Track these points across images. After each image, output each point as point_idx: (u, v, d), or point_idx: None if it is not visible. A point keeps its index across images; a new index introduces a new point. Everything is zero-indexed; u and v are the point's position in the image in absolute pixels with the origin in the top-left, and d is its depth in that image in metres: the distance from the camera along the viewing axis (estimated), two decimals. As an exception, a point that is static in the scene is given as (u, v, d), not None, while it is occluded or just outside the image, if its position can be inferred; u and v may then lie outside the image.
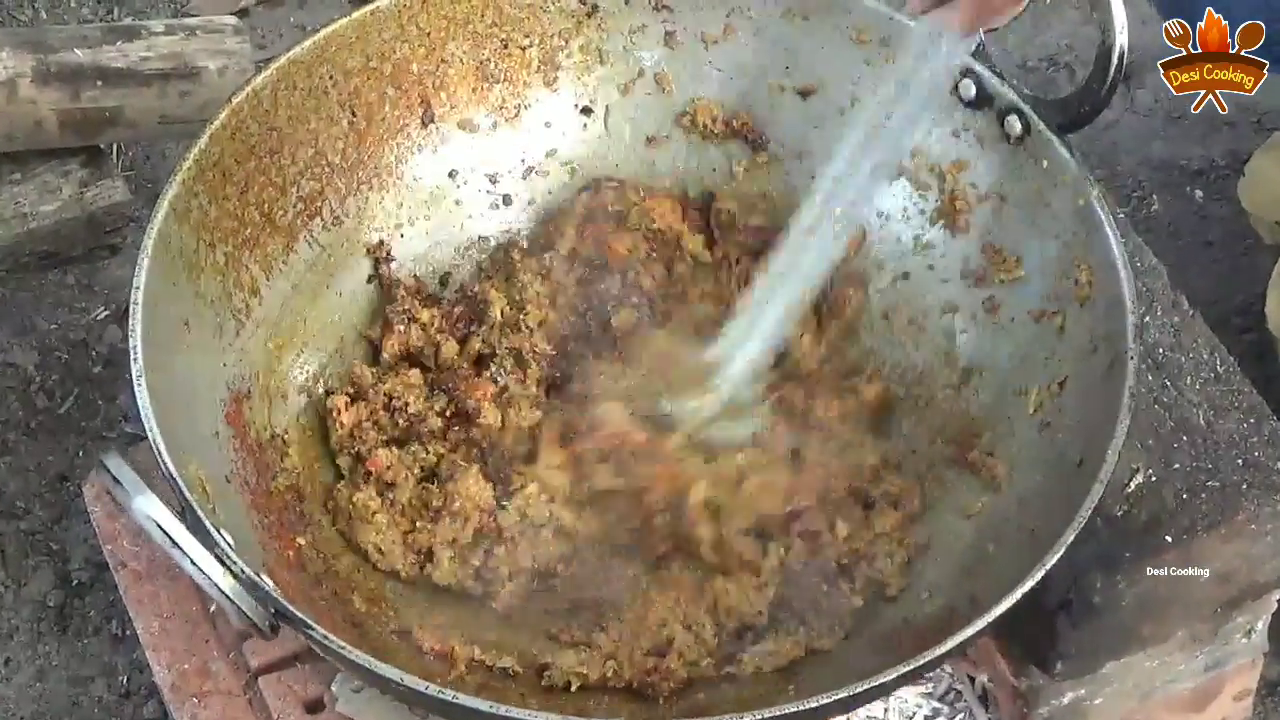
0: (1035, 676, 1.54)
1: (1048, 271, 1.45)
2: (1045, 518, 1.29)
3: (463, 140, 1.53)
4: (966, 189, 1.50)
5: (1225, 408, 1.51)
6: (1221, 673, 1.64)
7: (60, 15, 2.05)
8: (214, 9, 2.02)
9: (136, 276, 1.32)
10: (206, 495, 1.25)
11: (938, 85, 1.47)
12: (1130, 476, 1.45)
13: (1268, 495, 1.47)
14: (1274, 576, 1.55)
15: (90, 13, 2.07)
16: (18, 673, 1.67)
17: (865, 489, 1.49)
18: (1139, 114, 2.03)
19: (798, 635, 1.40)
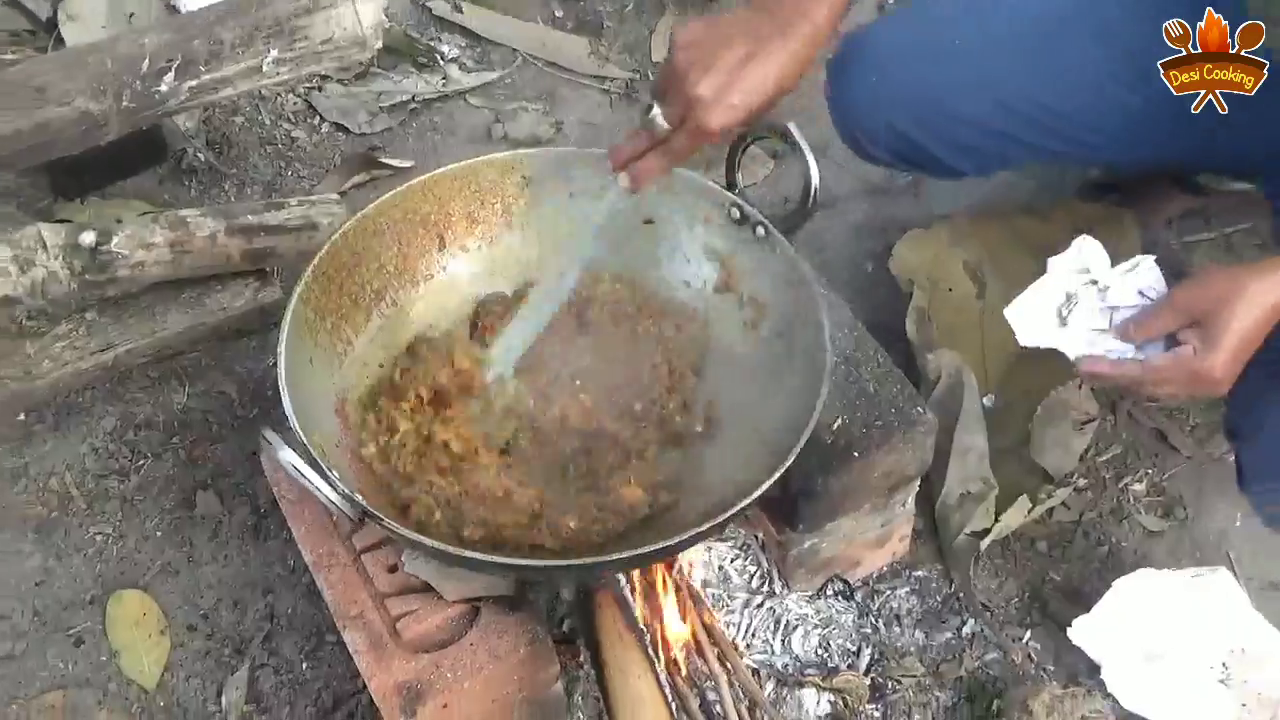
0: (788, 533, 1.58)
1: (783, 310, 1.45)
2: (786, 444, 1.29)
3: (462, 256, 1.54)
4: (736, 267, 1.50)
5: (884, 381, 1.54)
6: (891, 526, 1.67)
7: (243, 196, 2.07)
8: (327, 189, 2.08)
9: (281, 340, 1.33)
10: (324, 452, 1.28)
11: None
12: (834, 421, 1.49)
13: (907, 429, 1.51)
14: (914, 472, 1.58)
15: (258, 194, 2.07)
16: (231, 563, 1.69)
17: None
18: (840, 227, 2.05)
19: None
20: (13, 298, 1.59)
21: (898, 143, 1.65)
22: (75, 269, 1.63)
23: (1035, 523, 1.79)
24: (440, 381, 1.44)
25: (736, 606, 1.66)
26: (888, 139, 1.65)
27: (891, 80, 1.59)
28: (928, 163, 1.68)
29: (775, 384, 1.42)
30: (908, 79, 1.58)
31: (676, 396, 1.45)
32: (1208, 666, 1.63)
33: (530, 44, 2.32)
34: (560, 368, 1.47)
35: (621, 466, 1.41)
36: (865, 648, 1.67)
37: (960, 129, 1.59)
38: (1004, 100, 1.55)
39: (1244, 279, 1.22)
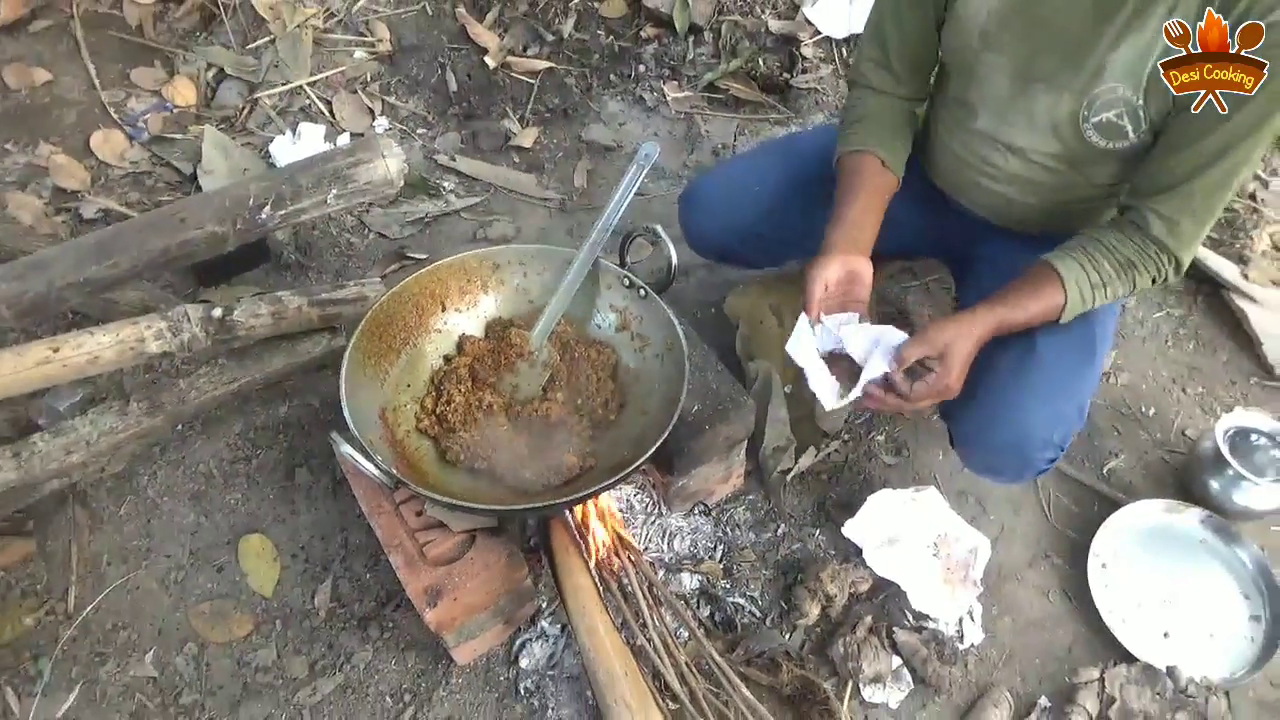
0: (668, 477, 1.57)
1: (659, 340, 1.43)
2: (662, 423, 1.28)
3: (455, 313, 1.49)
4: (629, 315, 1.47)
5: (721, 381, 1.53)
6: (731, 469, 1.65)
7: (320, 281, 1.99)
8: (373, 274, 2.02)
9: (342, 374, 1.29)
10: (371, 444, 1.24)
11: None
12: (693, 407, 1.48)
13: (736, 409, 1.49)
14: (742, 435, 1.55)
15: (329, 279, 1.98)
16: (319, 513, 1.64)
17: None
18: (695, 284, 1.99)
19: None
20: (170, 352, 1.55)
21: (723, 250, 1.64)
22: (210, 332, 1.59)
23: (820, 463, 1.78)
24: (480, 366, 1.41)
25: (638, 524, 1.66)
26: (717, 249, 1.64)
27: (717, 216, 1.58)
28: (742, 261, 1.67)
29: (656, 386, 1.40)
30: (726, 213, 1.57)
31: (600, 395, 1.43)
32: (924, 546, 1.63)
33: (499, 179, 2.28)
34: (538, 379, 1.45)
35: (566, 442, 1.39)
36: (719, 545, 1.66)
37: (760, 242, 1.57)
38: (783, 226, 1.53)
39: (966, 325, 1.21)
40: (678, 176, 2.33)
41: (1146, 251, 1.19)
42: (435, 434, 1.38)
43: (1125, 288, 1.22)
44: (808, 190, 1.51)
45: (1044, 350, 1.30)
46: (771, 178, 1.54)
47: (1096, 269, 1.20)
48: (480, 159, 2.34)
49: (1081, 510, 1.72)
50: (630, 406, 1.42)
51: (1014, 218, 1.43)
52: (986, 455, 1.38)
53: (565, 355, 1.45)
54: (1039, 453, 1.33)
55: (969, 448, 1.41)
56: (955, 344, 1.20)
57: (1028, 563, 1.66)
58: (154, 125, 2.21)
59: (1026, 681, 1.52)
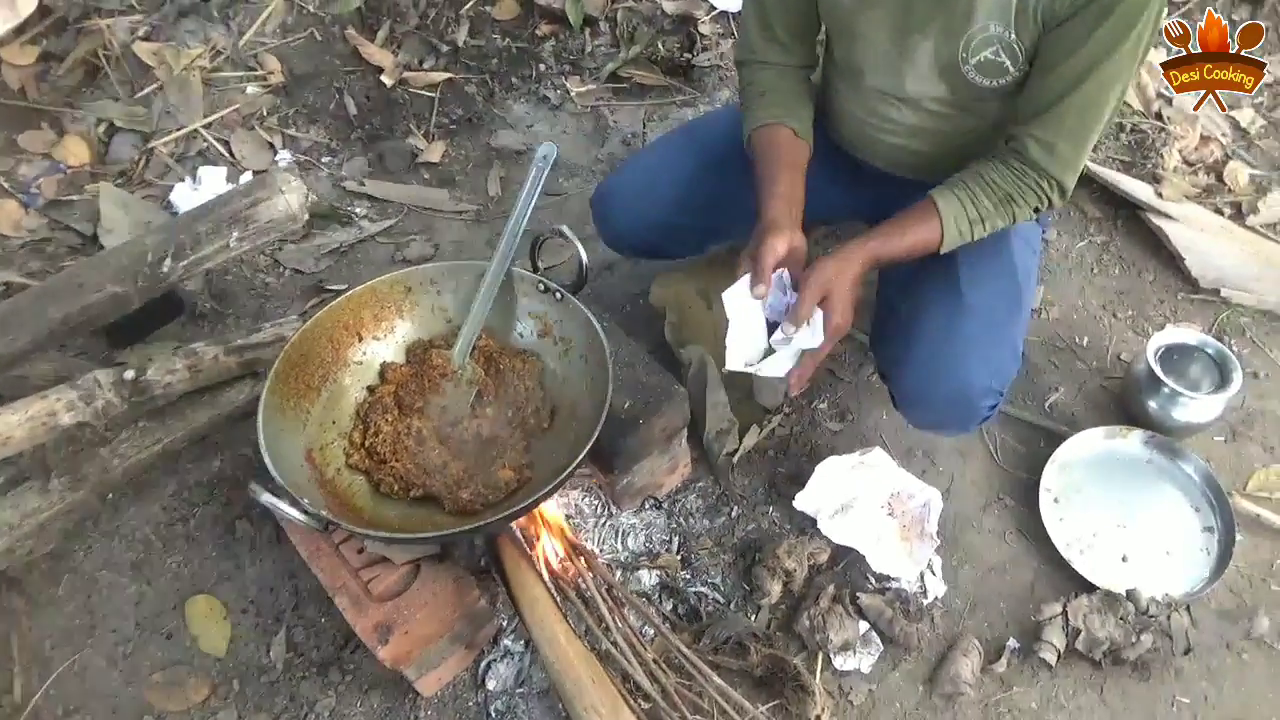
0: (612, 476, 1.55)
1: (581, 342, 1.42)
2: (593, 424, 1.26)
3: (373, 342, 1.46)
4: (550, 320, 1.46)
5: (652, 373, 1.52)
6: (676, 459, 1.64)
7: (239, 327, 1.96)
8: (294, 312, 1.99)
9: (259, 423, 1.25)
10: (299, 488, 1.21)
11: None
12: (625, 403, 1.47)
13: (669, 399, 1.49)
14: (680, 424, 1.55)
15: (248, 324, 1.96)
16: (265, 563, 1.62)
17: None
18: (618, 276, 2.00)
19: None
20: (85, 422, 1.53)
21: (642, 246, 1.64)
22: (125, 396, 1.57)
23: (764, 440, 1.78)
24: (404, 392, 1.40)
25: (590, 527, 1.65)
26: (636, 246, 1.64)
27: (630, 214, 1.58)
28: (664, 253, 1.67)
29: (584, 388, 1.39)
30: (640, 210, 1.57)
31: (530, 405, 1.42)
32: (879, 507, 1.64)
33: (411, 198, 2.26)
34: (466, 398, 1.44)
35: (501, 456, 1.38)
36: (674, 537, 1.65)
37: (679, 233, 1.58)
38: (700, 213, 1.53)
39: (842, 261, 1.23)
40: (591, 172, 2.32)
41: (1025, 182, 1.22)
42: (366, 468, 1.36)
43: (1004, 220, 1.25)
44: (721, 173, 1.51)
45: (972, 300, 1.32)
46: (681, 167, 1.54)
47: (975, 204, 1.24)
48: (389, 180, 2.32)
49: (1028, 449, 1.74)
50: (562, 412, 1.41)
51: (918, 167, 1.45)
52: (929, 411, 1.40)
53: (490, 369, 1.44)
54: (981, 401, 1.34)
55: (911, 406, 1.42)
56: (835, 282, 1.21)
57: (981, 508, 1.68)
58: (48, 189, 2.16)
59: (993, 627, 1.53)
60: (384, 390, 1.44)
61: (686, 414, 1.55)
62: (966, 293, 1.32)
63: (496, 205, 2.28)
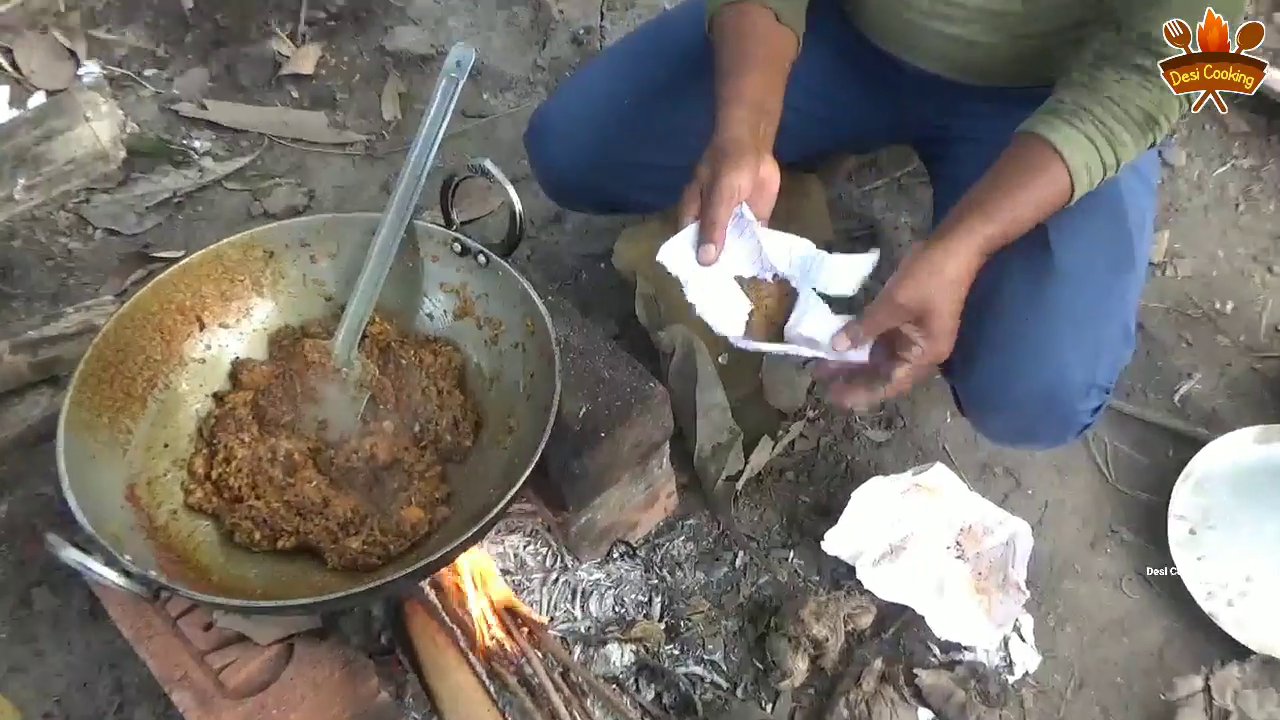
0: (563, 514, 1.58)
1: (514, 324, 1.45)
2: (536, 440, 1.29)
3: (220, 330, 1.48)
4: (470, 294, 1.49)
5: (617, 366, 1.54)
6: (654, 487, 1.67)
7: (31, 312, 1.98)
8: (110, 291, 2.02)
9: (58, 446, 1.26)
10: (118, 539, 1.22)
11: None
12: (579, 410, 1.48)
13: (643, 402, 1.51)
14: (659, 437, 1.57)
15: (45, 308, 1.98)
16: (75, 648, 1.63)
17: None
18: (567, 234, 2.05)
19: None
20: None
21: (596, 195, 1.66)
22: None
23: (780, 456, 1.80)
24: (267, 401, 1.43)
25: (535, 586, 1.67)
26: (587, 194, 1.67)
27: (579, 147, 1.59)
28: (626, 205, 1.70)
29: (521, 389, 1.42)
30: (591, 143, 1.59)
31: (446, 415, 1.43)
32: (943, 548, 1.68)
33: (273, 126, 2.28)
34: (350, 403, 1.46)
35: (405, 488, 1.40)
36: (655, 596, 1.67)
37: (641, 174, 1.58)
38: (669, 144, 1.51)
39: (941, 266, 1.21)
40: (528, 85, 2.34)
41: (1165, 94, 1.21)
42: (215, 509, 1.38)
43: (1144, 144, 1.23)
44: (700, 90, 1.50)
45: (1065, 259, 1.31)
46: (645, 83, 1.56)
47: (1110, 139, 1.21)
48: (243, 100, 2.32)
49: (1152, 459, 1.78)
50: (490, 424, 1.44)
51: (979, 67, 1.47)
52: (1009, 419, 1.41)
53: (388, 366, 1.46)
54: (1079, 402, 1.34)
55: (983, 412, 1.44)
56: (936, 298, 1.20)
57: (1088, 545, 1.71)
58: None
59: (1109, 712, 1.55)
60: (237, 399, 1.46)
61: (669, 423, 1.56)
62: (1056, 249, 1.31)
63: (394, 134, 2.29)
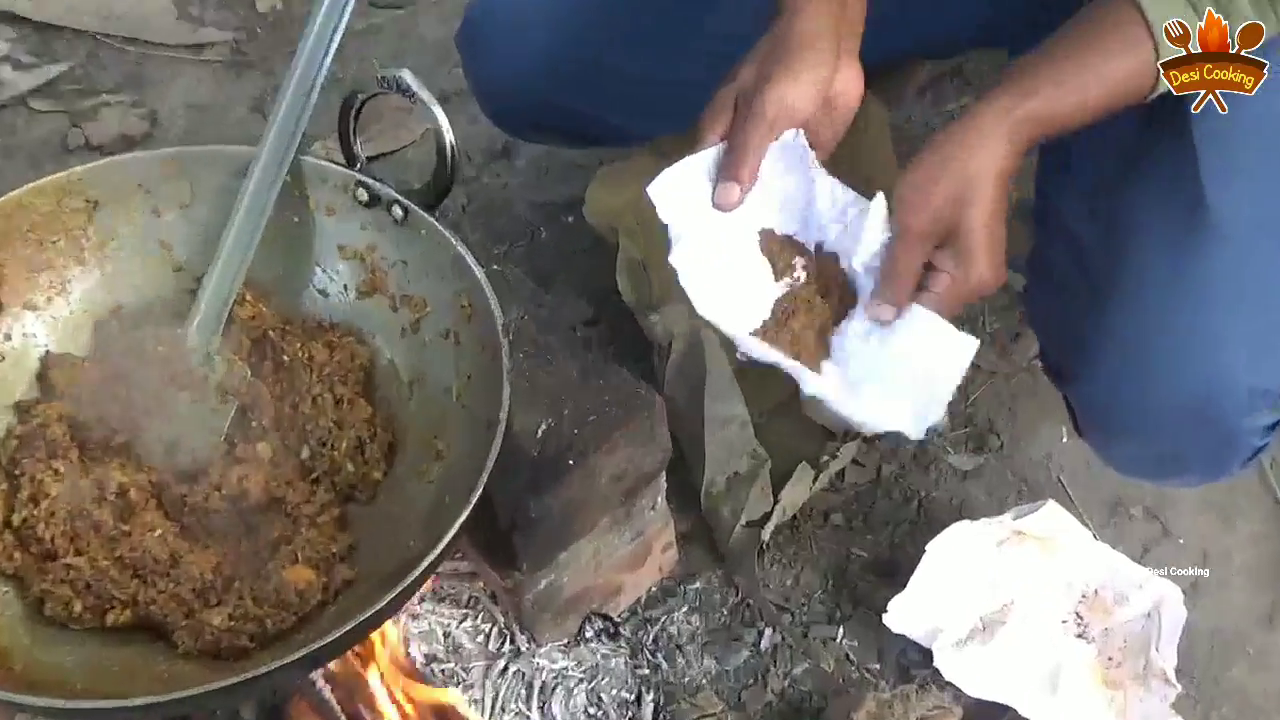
0: (515, 575, 1.57)
1: (444, 304, 1.44)
2: (476, 470, 1.27)
3: (25, 314, 1.47)
4: (380, 262, 1.48)
5: (591, 365, 1.53)
6: (645, 538, 1.67)
7: None
8: None
9: None
10: None
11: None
12: (537, 427, 1.48)
13: (630, 416, 1.50)
14: (653, 466, 1.57)
15: None
16: None
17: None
18: (519, 176, 2.04)
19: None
20: None
21: (558, 117, 1.68)
22: None
23: (825, 492, 1.81)
24: (91, 415, 1.42)
25: (476, 678, 1.67)
26: (545, 116, 1.68)
27: (534, 49, 1.61)
28: (601, 132, 1.71)
29: (452, 398, 1.42)
30: (551, 43, 1.61)
31: (348, 433, 1.43)
32: (1059, 621, 1.67)
33: (101, 20, 2.27)
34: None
35: (290, 540, 1.39)
36: (646, 692, 1.68)
37: (627, 86, 1.62)
38: (664, 40, 1.56)
39: (961, 159, 1.22)
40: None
41: None
42: (17, 569, 1.36)
43: (1272, 19, 1.25)
44: None
45: (1223, 211, 1.33)
46: None
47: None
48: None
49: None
50: (410, 447, 1.44)
51: None
52: (1145, 443, 1.44)
53: (263, 364, 1.46)
54: (1246, 417, 1.36)
55: (1108, 433, 1.48)
56: (967, 211, 1.21)
57: (1265, 617, 1.72)
58: None
59: None
60: (49, 413, 1.44)
61: (666, 446, 1.56)
62: (1212, 196, 1.32)
63: (272, 31, 2.31)
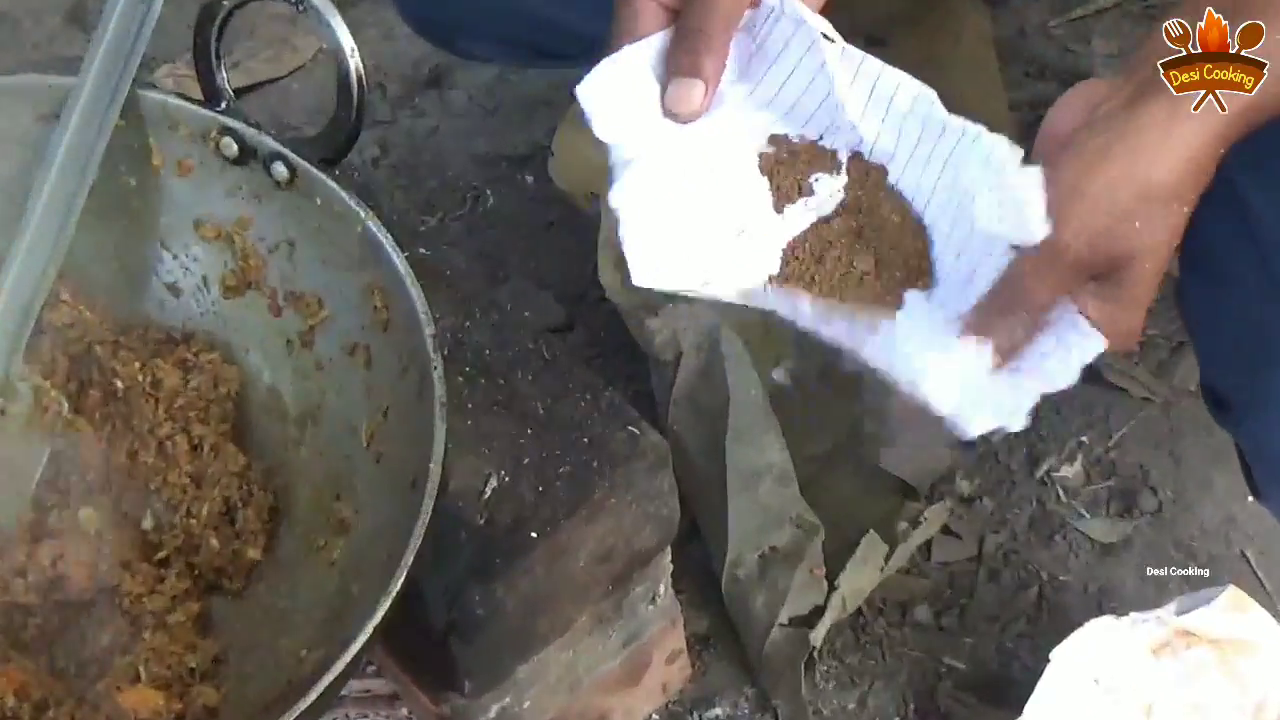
0: (453, 699, 1.58)
1: (350, 304, 1.45)
2: (398, 544, 1.27)
3: None
4: (255, 244, 1.49)
5: (561, 392, 1.53)
6: (642, 642, 1.69)
7: None
8: None
9: None
10: None
11: None
12: (484, 483, 1.48)
13: (619, 466, 1.50)
14: (653, 540, 1.57)
15: None
16: None
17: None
18: (456, 115, 2.07)
19: None
20: None
21: (508, 20, 1.74)
22: None
23: (904, 575, 1.84)
24: None
25: None
26: (489, 17, 1.74)
27: None
28: (567, 43, 1.71)
29: (361, 440, 1.45)
30: None
31: (211, 494, 1.47)
32: None
33: None
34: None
35: (125, 648, 1.42)
36: None
37: None
38: None
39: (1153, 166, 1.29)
40: None
41: None
42: None
43: None
44: None
45: None
46: None
47: None
48: None
49: None
50: (299, 513, 1.48)
51: None
52: None
53: (87, 392, 1.51)
54: None
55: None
56: (1151, 223, 1.27)
57: None
58: None
59: None
60: None
61: (673, 511, 1.58)
62: None
63: None
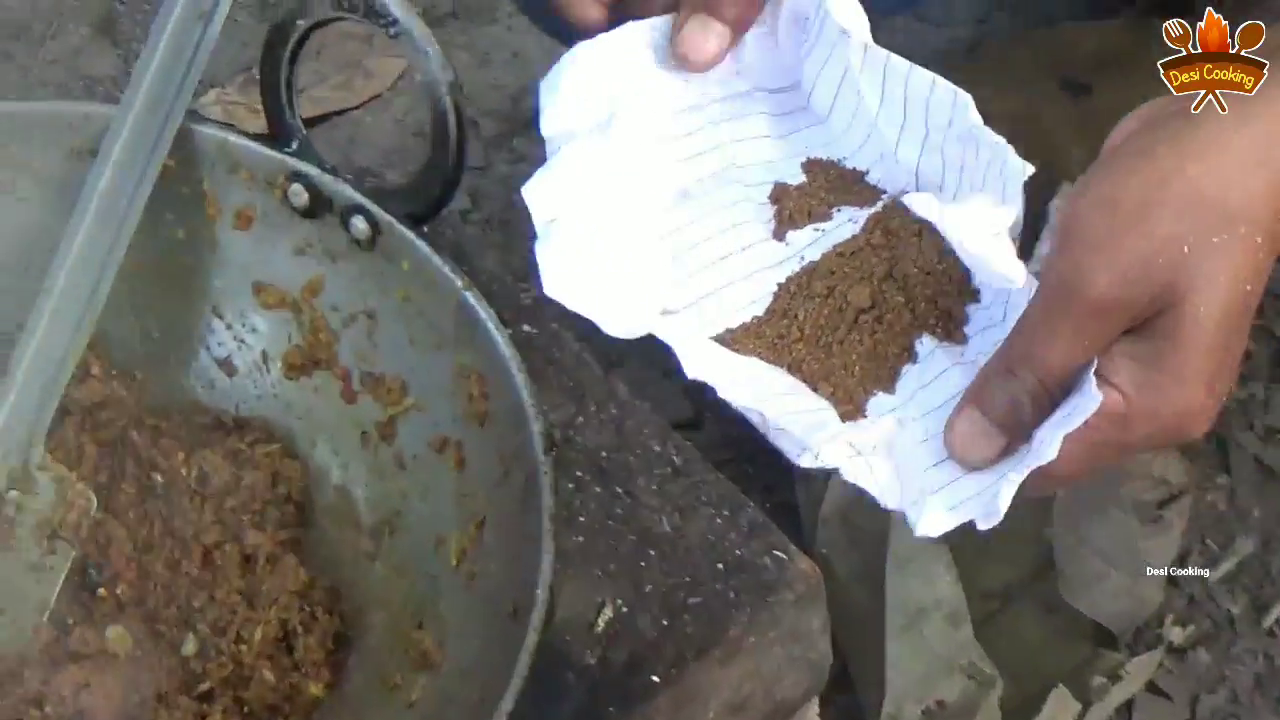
0: None
1: (438, 392, 1.36)
2: (492, 685, 1.17)
3: None
4: (327, 315, 1.41)
5: (691, 505, 1.44)
6: None
7: None
8: None
9: None
10: None
11: None
12: (596, 613, 1.37)
13: (761, 598, 1.39)
14: (799, 691, 1.47)
15: None
16: None
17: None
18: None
19: None
20: None
21: None
22: None
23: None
24: None
25: None
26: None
27: None
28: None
29: (449, 557, 1.35)
30: None
31: (265, 616, 1.37)
32: None
33: None
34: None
35: None
36: None
37: None
38: None
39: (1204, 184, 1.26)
40: None
41: None
42: None
43: None
44: None
45: None
46: None
47: None
48: None
49: None
50: (373, 643, 1.38)
51: None
52: None
53: (120, 488, 1.41)
54: None
55: None
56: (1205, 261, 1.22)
57: None
58: None
59: None
60: None
61: (822, 652, 1.48)
62: None
63: None
